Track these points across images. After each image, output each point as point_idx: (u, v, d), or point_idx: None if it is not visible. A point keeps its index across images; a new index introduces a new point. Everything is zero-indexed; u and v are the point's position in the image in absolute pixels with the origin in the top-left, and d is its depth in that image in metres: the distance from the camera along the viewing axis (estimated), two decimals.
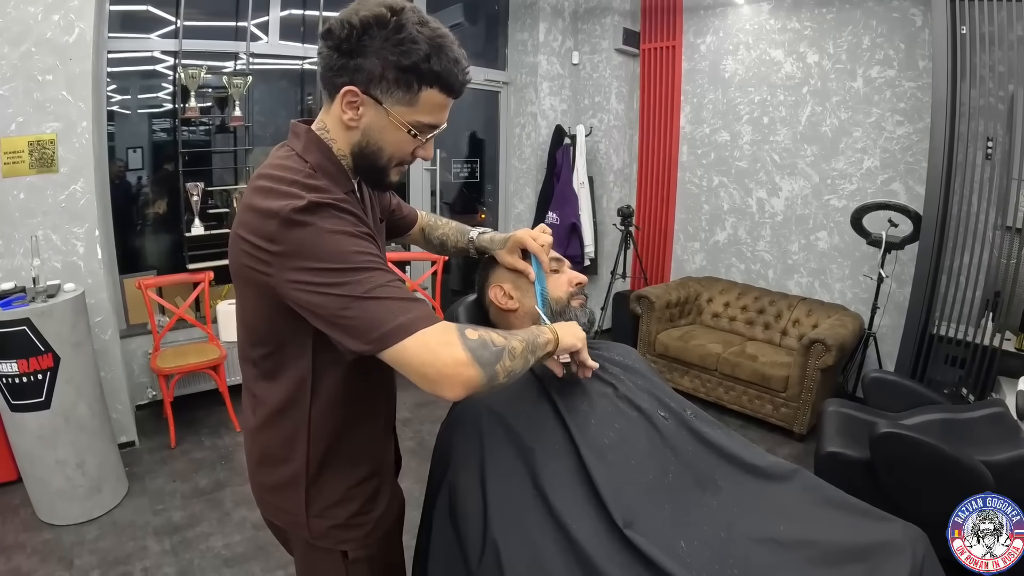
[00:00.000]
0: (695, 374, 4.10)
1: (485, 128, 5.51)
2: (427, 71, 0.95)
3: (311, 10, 4.03)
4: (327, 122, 1.04)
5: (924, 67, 3.66)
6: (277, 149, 1.08)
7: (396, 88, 0.96)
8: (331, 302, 0.89)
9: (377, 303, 0.89)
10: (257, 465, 1.19)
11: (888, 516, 1.21)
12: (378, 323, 0.88)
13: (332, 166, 1.04)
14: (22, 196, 2.85)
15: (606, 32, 5.05)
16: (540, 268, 1.33)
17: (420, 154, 1.07)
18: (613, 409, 1.25)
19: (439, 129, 1.04)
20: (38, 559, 2.46)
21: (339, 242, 0.91)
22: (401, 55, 0.93)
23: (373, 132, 1.01)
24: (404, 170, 1.10)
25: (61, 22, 2.82)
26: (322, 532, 1.15)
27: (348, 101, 0.98)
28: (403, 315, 0.89)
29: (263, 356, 1.09)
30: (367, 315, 0.89)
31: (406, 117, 0.99)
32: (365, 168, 1.06)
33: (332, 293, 0.89)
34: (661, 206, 5.24)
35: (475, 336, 0.94)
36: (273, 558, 2.49)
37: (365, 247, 0.94)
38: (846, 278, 4.21)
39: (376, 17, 0.92)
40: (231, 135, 3.93)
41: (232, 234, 1.00)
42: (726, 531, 1.12)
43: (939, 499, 1.57)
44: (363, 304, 0.89)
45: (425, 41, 0.94)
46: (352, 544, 1.17)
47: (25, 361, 2.48)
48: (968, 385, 3.24)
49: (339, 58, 0.95)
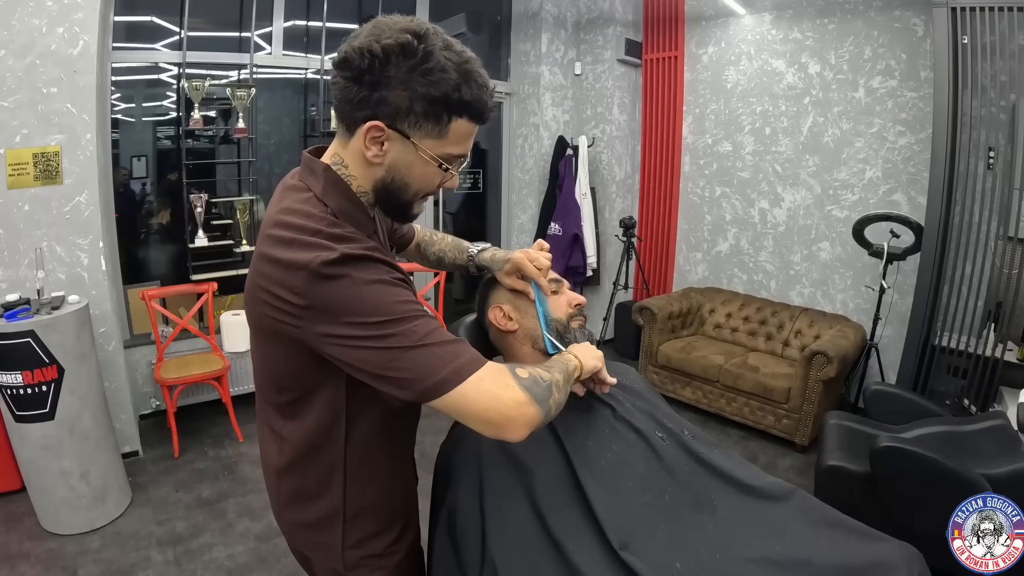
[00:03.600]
0: (697, 385, 4.10)
1: (488, 138, 5.53)
2: (457, 101, 0.89)
3: (314, 21, 4.06)
4: (344, 157, 0.97)
5: (926, 77, 3.67)
6: (290, 189, 0.99)
7: (425, 121, 0.90)
8: (377, 356, 0.86)
9: (427, 351, 0.86)
10: (290, 502, 1.14)
11: (884, 536, 1.21)
12: (430, 372, 0.85)
13: (353, 208, 0.98)
14: (27, 208, 2.87)
15: (608, 43, 5.07)
16: (540, 291, 1.33)
17: (447, 185, 1.01)
18: (611, 431, 1.26)
19: (466, 157, 0.99)
20: (42, 568, 2.47)
21: (378, 293, 0.87)
22: (431, 86, 0.87)
23: (399, 168, 0.95)
24: (426, 201, 1.04)
25: (66, 35, 2.84)
26: (355, 563, 1.13)
27: (372, 137, 0.91)
28: (454, 361, 0.86)
29: (290, 402, 1.05)
30: (417, 365, 0.85)
31: (435, 150, 0.93)
32: (388, 203, 1.01)
33: (378, 347, 0.85)
34: (663, 217, 5.25)
35: (526, 375, 0.92)
36: (275, 569, 2.49)
37: (405, 295, 0.89)
38: (848, 289, 4.21)
39: (401, 46, 0.85)
40: (235, 146, 3.96)
41: (250, 283, 0.96)
42: (722, 552, 1.12)
43: (939, 512, 1.57)
44: (412, 355, 0.85)
45: (454, 69, 0.87)
46: (382, 572, 1.16)
47: (30, 372, 2.50)
48: (970, 396, 3.24)
49: (360, 90, 0.88)
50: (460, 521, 1.16)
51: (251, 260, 0.97)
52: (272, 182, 4.06)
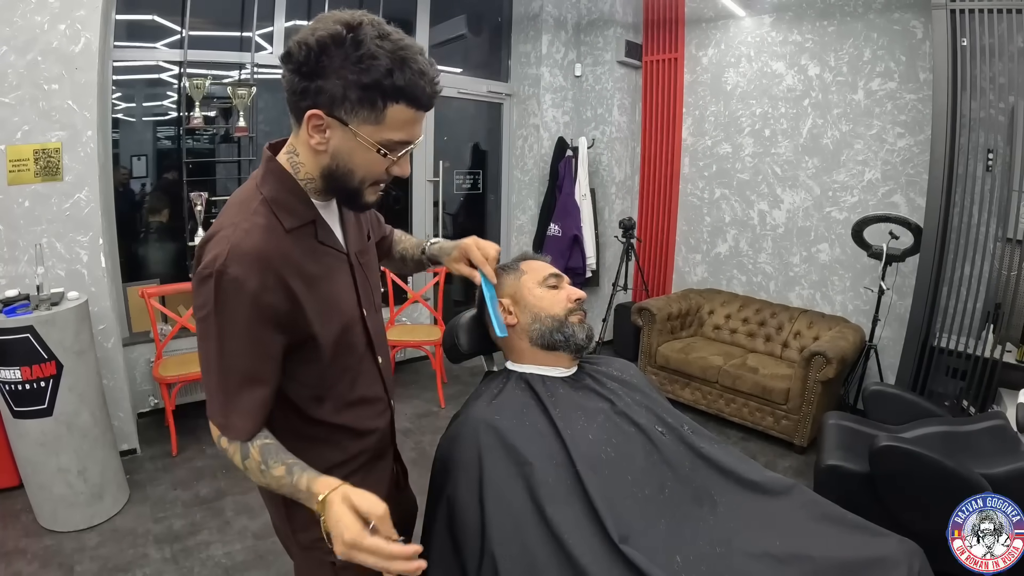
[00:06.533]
0: (696, 386, 4.10)
1: (488, 139, 5.54)
2: (390, 86, 0.92)
3: None
4: (296, 145, 1.04)
5: (925, 79, 3.68)
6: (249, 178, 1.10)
7: (360, 107, 0.93)
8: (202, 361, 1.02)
9: (217, 394, 1.01)
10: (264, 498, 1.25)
11: (884, 531, 1.21)
12: (212, 410, 1.01)
13: (289, 196, 1.04)
14: (27, 204, 2.87)
15: (608, 44, 5.08)
16: (486, 279, 1.33)
17: (395, 172, 1.04)
18: (610, 425, 1.26)
19: (412, 144, 1.01)
20: (39, 565, 2.46)
21: (215, 328, 0.99)
22: (361, 73, 0.90)
23: (342, 154, 0.99)
24: (380, 189, 1.07)
25: (67, 31, 2.85)
26: (308, 544, 1.17)
27: (314, 125, 0.96)
28: (220, 417, 1.01)
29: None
30: (216, 391, 1.00)
31: (374, 136, 0.96)
32: (338, 190, 1.05)
33: (202, 354, 1.01)
34: (663, 218, 5.25)
35: (258, 457, 1.00)
36: (273, 567, 2.49)
37: (237, 347, 1.00)
38: (847, 290, 4.22)
39: (332, 36, 0.90)
40: (235, 145, 3.96)
41: None
42: (722, 546, 1.12)
43: (939, 512, 1.57)
44: (211, 382, 1.01)
45: (386, 55, 0.90)
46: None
47: (28, 368, 2.49)
48: (969, 397, 3.24)
49: (300, 81, 0.93)
50: (459, 514, 1.16)
51: None
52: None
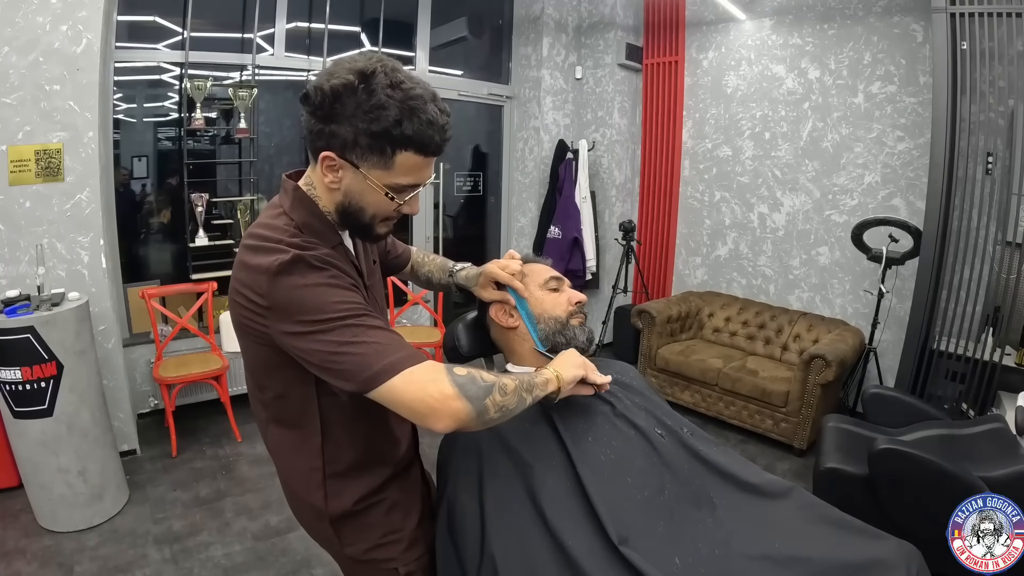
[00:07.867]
0: (696, 389, 4.10)
1: (488, 142, 5.54)
2: (399, 135, 0.96)
3: (317, 23, 4.07)
4: (313, 179, 1.08)
5: (925, 83, 3.68)
6: (267, 207, 1.12)
7: (370, 153, 0.98)
8: (321, 349, 0.95)
9: (364, 346, 0.95)
10: (292, 504, 1.26)
11: (882, 534, 1.21)
12: (366, 365, 0.94)
13: (318, 223, 1.08)
14: (28, 204, 2.87)
15: (609, 47, 5.09)
16: (518, 295, 1.35)
17: (404, 211, 1.08)
18: (610, 427, 1.26)
19: (421, 186, 1.06)
20: (38, 565, 2.47)
21: (323, 294, 0.96)
22: (371, 121, 0.94)
23: (353, 193, 1.04)
24: (392, 223, 1.12)
25: (69, 32, 2.85)
26: (361, 555, 1.20)
27: (327, 165, 1.01)
28: (389, 356, 0.95)
29: (272, 400, 1.14)
30: (356, 359, 0.94)
31: (383, 180, 1.01)
32: (351, 224, 1.10)
33: (322, 340, 0.95)
34: (663, 221, 5.25)
35: (463, 372, 0.99)
36: (273, 568, 2.49)
37: (348, 297, 0.98)
38: (847, 293, 4.22)
39: (345, 85, 0.94)
40: (236, 146, 3.96)
41: (230, 288, 1.06)
42: (721, 548, 1.12)
43: (938, 515, 1.57)
44: (350, 349, 0.94)
45: (395, 105, 0.94)
46: (398, 561, 1.21)
47: (29, 368, 2.50)
48: (968, 400, 3.24)
49: (316, 123, 0.98)
50: (459, 515, 1.17)
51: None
52: (272, 183, 4.07)
